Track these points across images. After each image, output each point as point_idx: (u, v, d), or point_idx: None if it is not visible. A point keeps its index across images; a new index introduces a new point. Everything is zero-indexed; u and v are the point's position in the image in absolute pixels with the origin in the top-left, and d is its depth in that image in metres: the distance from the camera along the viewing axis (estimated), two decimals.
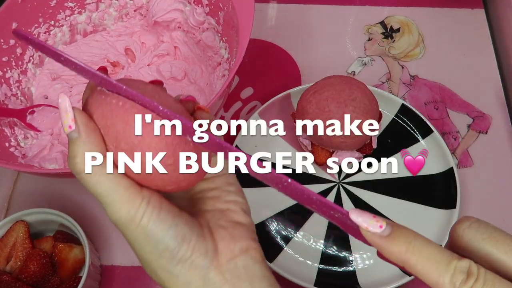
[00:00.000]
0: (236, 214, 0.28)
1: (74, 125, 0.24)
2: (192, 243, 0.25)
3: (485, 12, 0.73)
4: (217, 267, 0.26)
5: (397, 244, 0.21)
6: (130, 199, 0.24)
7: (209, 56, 0.62)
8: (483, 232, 0.21)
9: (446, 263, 0.20)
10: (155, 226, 0.25)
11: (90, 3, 0.62)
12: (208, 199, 0.29)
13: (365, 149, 0.54)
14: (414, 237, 0.21)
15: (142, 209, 0.25)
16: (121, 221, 0.25)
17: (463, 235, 0.22)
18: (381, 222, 0.22)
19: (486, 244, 0.21)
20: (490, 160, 0.60)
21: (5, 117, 0.55)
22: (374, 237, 0.22)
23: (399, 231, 0.22)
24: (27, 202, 0.59)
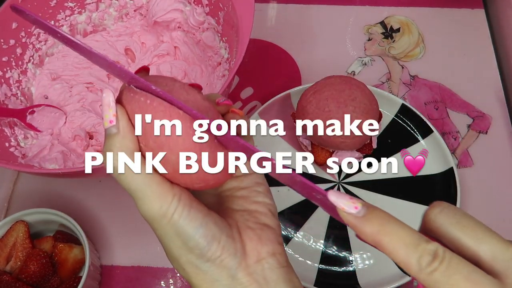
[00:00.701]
0: (264, 216, 0.28)
1: (115, 120, 0.25)
2: (221, 243, 0.26)
3: (485, 12, 0.73)
4: (245, 268, 0.26)
5: (370, 225, 0.22)
6: (162, 195, 0.25)
7: (209, 56, 0.62)
8: (453, 218, 0.22)
9: (414, 245, 0.21)
10: (185, 223, 0.25)
11: (90, 3, 0.62)
12: (236, 198, 0.29)
13: (365, 149, 0.54)
14: (387, 219, 0.22)
15: (173, 205, 0.25)
16: (153, 216, 0.25)
17: (434, 220, 0.22)
18: (356, 204, 0.23)
19: (455, 229, 0.22)
20: (490, 160, 0.60)
21: (5, 117, 0.55)
22: (350, 217, 0.23)
23: (373, 213, 0.23)
24: (27, 202, 0.59)
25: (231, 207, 0.29)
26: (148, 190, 0.25)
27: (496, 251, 0.21)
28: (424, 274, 0.21)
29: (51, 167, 0.53)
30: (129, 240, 0.56)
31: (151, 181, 0.25)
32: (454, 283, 0.20)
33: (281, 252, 0.27)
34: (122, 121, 0.25)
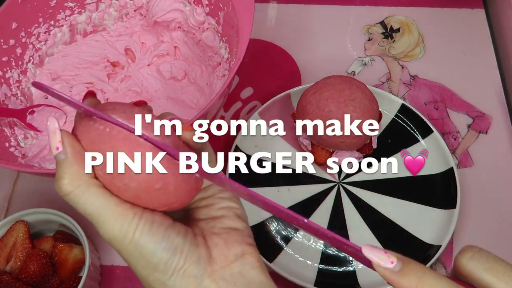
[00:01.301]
0: (229, 219, 0.28)
1: (61, 146, 0.25)
2: (184, 252, 0.25)
3: (485, 12, 0.73)
4: (211, 275, 0.26)
5: (407, 279, 0.22)
6: (122, 215, 0.25)
7: (209, 56, 0.62)
8: (485, 262, 0.22)
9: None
10: (147, 239, 0.25)
11: (90, 3, 0.62)
12: (201, 208, 0.29)
13: (365, 149, 0.54)
14: (423, 272, 0.22)
15: (134, 224, 0.25)
16: (114, 238, 0.25)
17: (466, 265, 0.22)
18: (392, 258, 0.23)
19: (488, 274, 0.22)
20: (490, 160, 0.60)
21: (5, 117, 0.55)
22: (386, 272, 0.23)
23: (409, 267, 0.23)
24: (27, 202, 0.59)
25: (196, 218, 0.29)
26: (106, 212, 0.25)
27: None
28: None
29: (51, 167, 0.53)
30: None
31: (108, 203, 0.25)
32: None
33: (251, 252, 0.27)
34: (68, 147, 0.25)
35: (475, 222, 0.56)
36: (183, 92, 0.61)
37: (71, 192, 0.25)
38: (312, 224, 0.24)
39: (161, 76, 0.62)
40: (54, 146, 0.25)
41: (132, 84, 0.62)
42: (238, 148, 0.58)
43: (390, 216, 0.55)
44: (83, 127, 0.25)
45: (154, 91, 0.61)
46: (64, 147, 0.25)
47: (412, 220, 0.54)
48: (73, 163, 0.25)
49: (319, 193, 0.57)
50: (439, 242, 0.51)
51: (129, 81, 0.62)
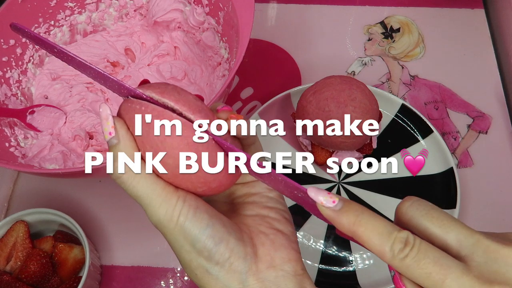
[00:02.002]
0: (277, 221, 0.28)
1: (114, 131, 0.25)
2: (230, 245, 0.25)
3: (485, 12, 0.73)
4: (256, 273, 0.26)
5: (347, 217, 0.24)
6: (167, 199, 0.25)
7: (209, 56, 0.62)
8: (422, 210, 0.24)
9: (387, 234, 0.23)
10: (191, 224, 0.25)
11: (90, 3, 0.62)
12: (248, 204, 0.29)
13: (365, 149, 0.54)
14: (362, 211, 0.24)
15: (178, 207, 0.25)
16: (160, 221, 0.25)
17: (406, 212, 0.24)
18: (334, 198, 0.24)
19: (424, 220, 0.23)
20: (490, 160, 0.60)
21: (5, 117, 0.55)
22: (328, 211, 0.24)
23: (349, 206, 0.24)
24: (27, 202, 0.59)
25: (243, 213, 0.29)
26: (153, 195, 0.25)
27: (461, 237, 0.23)
28: (397, 260, 0.23)
29: (51, 167, 0.53)
30: (129, 240, 0.56)
31: (155, 186, 0.25)
32: (424, 267, 0.22)
33: (296, 259, 0.27)
34: (121, 131, 0.25)
35: (475, 222, 0.56)
36: None
37: (123, 175, 0.25)
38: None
39: (161, 76, 0.62)
40: (107, 131, 0.25)
41: (132, 84, 0.62)
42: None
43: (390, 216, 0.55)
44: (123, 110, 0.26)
45: None
46: (117, 132, 0.25)
47: None
48: (126, 146, 0.25)
49: None
50: None
51: (129, 81, 0.62)
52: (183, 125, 0.25)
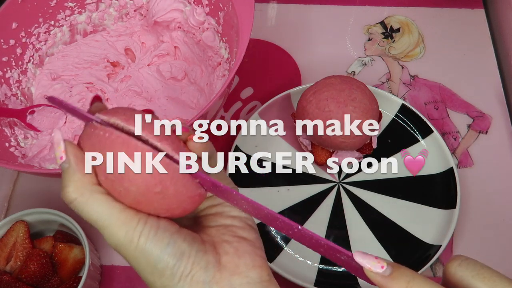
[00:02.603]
0: (241, 229, 0.28)
1: (64, 156, 0.25)
2: (191, 258, 0.25)
3: (485, 12, 0.73)
4: (220, 281, 0.25)
5: (397, 283, 0.23)
6: (127, 221, 0.25)
7: (209, 56, 0.62)
8: (472, 270, 0.23)
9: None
10: (153, 244, 0.25)
11: (90, 3, 0.62)
12: (212, 216, 0.29)
13: (365, 149, 0.54)
14: (413, 277, 0.23)
15: (138, 229, 0.25)
16: (120, 243, 0.25)
17: (455, 273, 0.23)
18: (382, 263, 0.24)
19: (475, 280, 0.23)
20: (490, 160, 0.60)
21: (5, 117, 0.55)
22: (377, 276, 0.23)
23: (399, 271, 0.23)
24: (27, 202, 0.59)
25: (207, 225, 0.28)
26: (111, 218, 0.25)
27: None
28: None
29: (51, 167, 0.53)
30: None
31: (112, 209, 0.25)
32: None
33: (261, 265, 0.27)
34: (71, 155, 0.25)
35: (475, 222, 0.56)
36: (183, 92, 0.61)
37: (75, 199, 0.25)
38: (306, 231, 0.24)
39: (161, 76, 0.62)
40: (58, 156, 0.26)
41: (132, 84, 0.62)
42: (238, 148, 0.58)
43: (390, 216, 0.55)
44: (86, 135, 0.26)
45: (154, 91, 0.61)
46: (68, 156, 0.25)
47: (412, 220, 0.54)
48: (76, 171, 0.25)
49: (319, 193, 0.57)
50: (439, 242, 0.51)
51: (129, 81, 0.62)
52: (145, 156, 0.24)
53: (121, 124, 0.25)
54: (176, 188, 0.25)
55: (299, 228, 0.24)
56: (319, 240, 0.24)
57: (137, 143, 0.24)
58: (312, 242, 0.25)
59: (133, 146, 0.24)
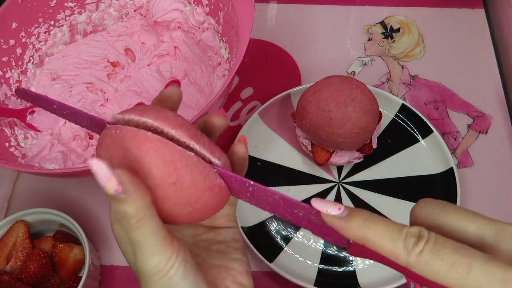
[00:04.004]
0: (240, 275, 0.28)
1: (121, 188, 0.23)
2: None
3: (485, 12, 0.73)
4: None
5: (354, 222, 0.23)
6: (163, 250, 0.24)
7: (209, 56, 0.62)
8: (436, 207, 0.23)
9: (398, 231, 0.22)
10: (179, 280, 0.24)
11: (90, 3, 0.62)
12: (214, 252, 0.29)
13: (365, 149, 0.54)
14: (369, 215, 0.23)
15: (171, 261, 0.24)
16: (147, 270, 0.24)
17: (420, 213, 0.24)
18: (339, 206, 0.24)
19: (441, 216, 0.23)
20: (490, 160, 0.60)
21: (5, 117, 0.55)
22: (334, 219, 0.23)
23: (356, 211, 0.23)
24: (27, 202, 0.59)
25: (208, 261, 0.28)
26: (151, 243, 0.24)
27: (483, 228, 0.22)
28: (413, 257, 0.21)
29: (51, 167, 0.53)
30: None
31: (157, 235, 0.24)
32: (444, 257, 0.20)
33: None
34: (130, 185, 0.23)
35: None
36: (183, 92, 0.60)
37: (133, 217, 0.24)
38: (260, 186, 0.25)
39: (161, 76, 0.62)
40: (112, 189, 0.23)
41: (132, 84, 0.62)
42: None
43: (390, 216, 0.55)
44: (101, 139, 0.25)
45: (154, 91, 0.61)
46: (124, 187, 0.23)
47: None
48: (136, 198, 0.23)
49: (319, 193, 0.57)
50: None
51: (129, 81, 0.62)
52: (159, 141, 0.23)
53: (135, 118, 0.24)
54: (193, 177, 0.24)
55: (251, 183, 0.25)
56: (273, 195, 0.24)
57: (146, 134, 0.23)
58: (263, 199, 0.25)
59: (143, 138, 0.23)
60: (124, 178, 0.23)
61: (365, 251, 0.23)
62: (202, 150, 0.24)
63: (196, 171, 0.24)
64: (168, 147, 0.23)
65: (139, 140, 0.23)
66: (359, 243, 0.23)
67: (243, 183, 0.25)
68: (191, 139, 0.24)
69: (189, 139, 0.24)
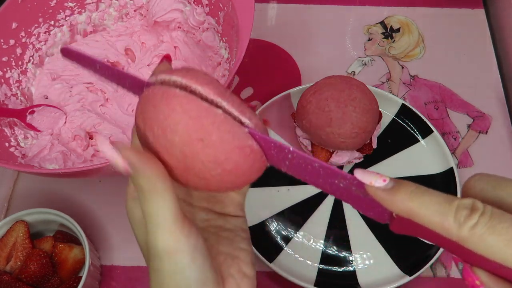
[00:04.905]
0: (245, 265, 0.28)
1: (128, 166, 0.23)
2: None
3: (485, 12, 0.73)
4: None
5: (400, 193, 0.21)
6: (174, 229, 0.24)
7: (209, 56, 0.62)
8: (492, 181, 0.21)
9: (448, 202, 0.20)
10: (188, 263, 0.24)
11: (90, 3, 0.62)
12: (222, 239, 0.29)
13: (365, 149, 0.54)
14: (416, 186, 0.21)
15: (180, 242, 0.24)
16: (156, 248, 0.24)
17: (474, 186, 0.22)
18: (384, 177, 0.22)
19: (496, 189, 0.21)
20: (490, 160, 0.60)
21: (5, 117, 0.55)
22: (378, 191, 0.22)
23: (401, 183, 0.22)
24: (27, 202, 0.59)
25: (216, 247, 0.28)
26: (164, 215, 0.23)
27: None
28: (465, 230, 0.19)
29: (51, 167, 0.53)
30: (129, 240, 0.56)
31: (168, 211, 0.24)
32: (503, 232, 0.19)
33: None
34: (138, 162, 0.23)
35: None
36: None
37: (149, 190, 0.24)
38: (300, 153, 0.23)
39: None
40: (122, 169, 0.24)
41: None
42: None
43: None
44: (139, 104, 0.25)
45: None
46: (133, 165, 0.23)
47: None
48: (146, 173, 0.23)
49: (319, 193, 0.57)
50: None
51: None
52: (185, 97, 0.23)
53: (166, 78, 0.24)
54: (220, 135, 0.23)
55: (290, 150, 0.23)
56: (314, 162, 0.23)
57: (175, 91, 0.23)
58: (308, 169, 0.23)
59: (171, 95, 0.23)
60: (131, 156, 0.23)
61: (410, 227, 0.21)
62: (230, 108, 0.24)
63: (224, 129, 0.23)
64: (194, 103, 0.23)
65: (168, 97, 0.23)
66: (405, 216, 0.21)
67: (281, 149, 0.24)
68: (218, 96, 0.24)
69: (216, 96, 0.24)
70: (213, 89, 0.24)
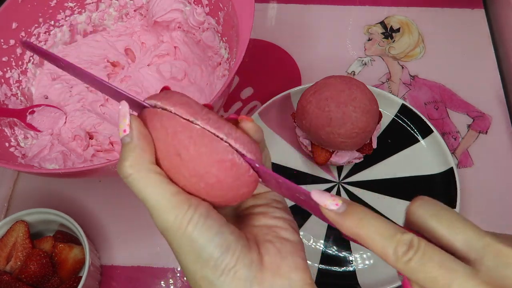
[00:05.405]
0: (284, 230, 0.28)
1: (128, 129, 0.25)
2: (236, 253, 0.25)
3: (485, 12, 0.73)
4: (261, 282, 0.25)
5: (350, 219, 0.23)
6: (177, 205, 0.24)
7: (209, 56, 0.62)
8: (431, 210, 0.23)
9: (390, 236, 0.22)
10: (200, 233, 0.24)
11: (90, 3, 0.62)
12: (255, 215, 0.29)
13: (365, 149, 0.54)
14: (365, 213, 0.24)
15: (188, 215, 0.24)
16: (167, 227, 0.25)
17: (414, 212, 0.24)
18: (337, 201, 0.24)
19: (433, 220, 0.23)
20: (490, 160, 0.60)
21: (5, 117, 0.55)
22: (331, 213, 0.24)
23: (353, 208, 0.24)
24: (27, 202, 0.59)
25: (250, 224, 0.28)
26: (162, 200, 0.24)
27: (470, 240, 0.22)
28: (401, 263, 0.22)
29: (51, 167, 0.53)
30: (129, 240, 0.56)
31: (165, 191, 0.25)
32: (429, 270, 0.21)
33: (304, 268, 0.26)
34: (135, 130, 0.25)
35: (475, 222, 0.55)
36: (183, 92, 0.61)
37: (130, 175, 0.25)
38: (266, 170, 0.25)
39: (161, 76, 0.62)
40: (121, 128, 0.25)
41: (132, 84, 0.62)
42: None
43: (390, 216, 0.54)
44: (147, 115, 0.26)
45: (154, 91, 0.61)
46: (131, 130, 0.25)
47: None
48: (137, 146, 0.25)
49: None
50: None
51: (129, 81, 0.62)
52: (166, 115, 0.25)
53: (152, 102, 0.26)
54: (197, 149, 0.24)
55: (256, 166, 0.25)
56: (277, 179, 0.25)
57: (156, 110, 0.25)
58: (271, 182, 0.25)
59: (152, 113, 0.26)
60: (134, 123, 0.25)
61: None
62: (204, 125, 0.25)
63: (201, 143, 0.24)
64: (173, 120, 0.25)
65: (150, 116, 0.25)
66: (353, 238, 0.24)
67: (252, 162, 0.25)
68: (190, 115, 0.25)
69: (189, 115, 0.25)
70: (186, 109, 0.25)
